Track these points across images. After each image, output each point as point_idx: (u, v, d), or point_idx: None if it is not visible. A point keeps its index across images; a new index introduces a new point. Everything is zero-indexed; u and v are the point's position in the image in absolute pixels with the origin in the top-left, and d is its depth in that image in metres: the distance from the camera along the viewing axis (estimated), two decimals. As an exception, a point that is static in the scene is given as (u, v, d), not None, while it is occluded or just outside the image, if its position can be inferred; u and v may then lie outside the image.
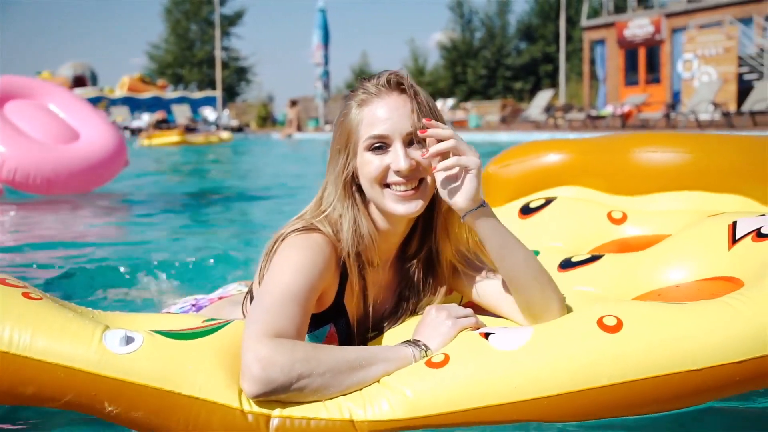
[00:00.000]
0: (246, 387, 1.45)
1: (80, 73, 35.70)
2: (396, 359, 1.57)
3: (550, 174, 2.76)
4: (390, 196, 1.69)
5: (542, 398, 1.47)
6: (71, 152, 7.15)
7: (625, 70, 28.16)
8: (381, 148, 1.69)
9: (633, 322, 1.54)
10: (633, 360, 1.49)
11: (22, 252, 4.58)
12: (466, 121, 28.39)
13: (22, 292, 1.60)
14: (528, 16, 43.54)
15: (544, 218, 2.57)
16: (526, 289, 1.67)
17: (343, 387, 1.51)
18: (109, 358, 1.47)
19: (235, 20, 45.33)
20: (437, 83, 42.83)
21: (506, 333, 1.57)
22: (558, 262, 2.22)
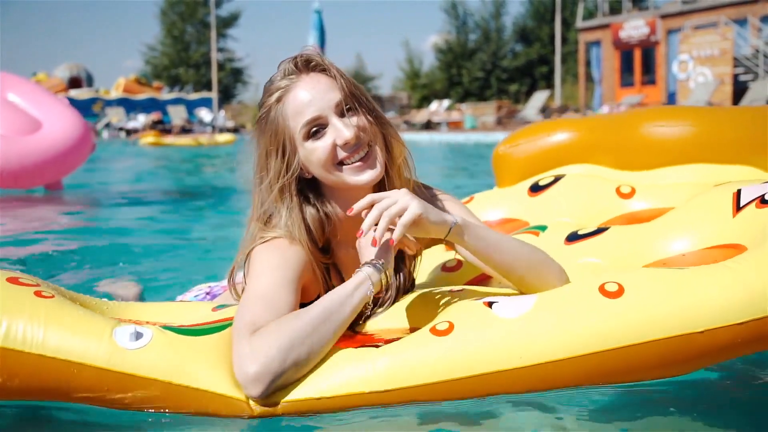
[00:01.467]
0: (249, 392, 1.46)
1: (76, 74, 35.64)
2: (356, 284, 1.58)
3: (559, 152, 2.77)
4: (348, 171, 1.68)
5: (546, 363, 1.48)
6: (35, 143, 6.91)
7: (621, 71, 28.25)
8: (319, 131, 1.67)
9: (634, 288, 1.54)
10: (635, 324, 1.49)
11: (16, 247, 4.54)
12: (462, 122, 28.44)
13: (34, 291, 1.62)
14: (523, 18, 43.67)
15: (553, 195, 2.58)
16: (521, 278, 1.69)
17: (330, 336, 1.52)
18: (120, 354, 1.49)
19: (230, 22, 45.37)
20: (433, 85, 42.89)
21: (509, 301, 1.58)
22: (565, 236, 2.24)
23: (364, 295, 1.59)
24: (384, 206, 1.54)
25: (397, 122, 30.52)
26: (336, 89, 1.67)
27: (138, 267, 3.80)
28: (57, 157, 7.03)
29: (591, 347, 1.48)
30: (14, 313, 1.53)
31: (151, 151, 18.59)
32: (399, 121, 30.66)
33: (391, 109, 35.78)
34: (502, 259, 1.65)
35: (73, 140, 7.20)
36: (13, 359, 1.49)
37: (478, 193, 2.78)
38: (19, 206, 6.71)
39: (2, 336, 1.49)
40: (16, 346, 1.49)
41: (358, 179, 1.68)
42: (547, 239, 2.25)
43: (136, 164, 14.01)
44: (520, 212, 2.62)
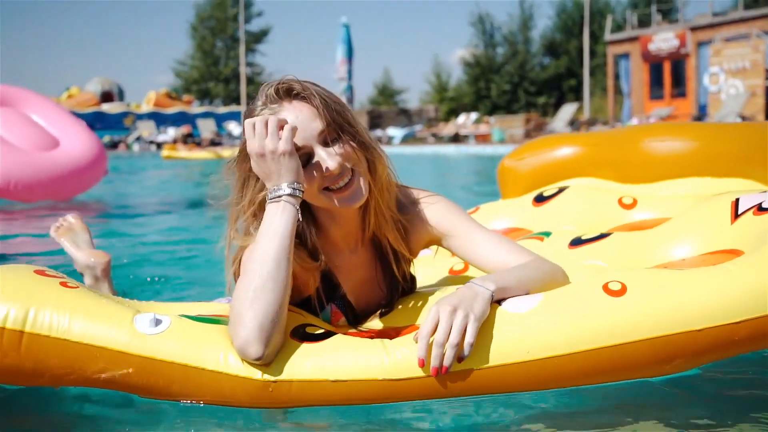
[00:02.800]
0: (250, 355, 1.50)
1: (107, 88, 36.22)
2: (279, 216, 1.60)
3: (563, 166, 2.86)
4: (334, 197, 1.70)
5: (552, 357, 1.52)
6: (52, 159, 7.10)
7: (650, 84, 28.05)
8: (303, 160, 1.67)
9: (636, 287, 1.59)
10: (637, 321, 1.54)
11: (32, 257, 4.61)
12: (490, 135, 28.37)
13: (60, 282, 1.70)
14: (551, 31, 43.56)
15: (557, 205, 2.64)
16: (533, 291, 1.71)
17: (282, 272, 1.55)
18: (140, 339, 1.56)
19: (260, 37, 45.89)
20: (460, 98, 42.92)
21: (518, 298, 1.63)
22: (569, 241, 2.30)
23: (292, 217, 1.60)
24: (442, 340, 1.49)
25: (425, 135, 30.56)
26: (318, 118, 1.67)
27: (156, 271, 3.84)
28: (71, 176, 7.18)
29: (593, 344, 1.53)
30: (41, 301, 1.61)
31: (177, 164, 18.78)
32: (426, 134, 30.68)
33: (419, 122, 35.84)
34: (524, 292, 1.67)
35: (88, 161, 7.36)
36: (40, 344, 1.57)
37: (484, 204, 2.83)
38: (35, 214, 6.82)
39: (30, 322, 1.58)
40: (43, 332, 1.57)
41: (344, 204, 1.71)
42: (551, 244, 2.31)
43: (159, 176, 14.16)
44: (524, 222, 2.67)
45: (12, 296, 1.61)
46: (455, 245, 1.84)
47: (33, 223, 6.34)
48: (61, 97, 34.58)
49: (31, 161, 6.93)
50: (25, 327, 1.58)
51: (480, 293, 1.56)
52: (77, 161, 7.29)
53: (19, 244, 5.08)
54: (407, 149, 23.75)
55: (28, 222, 6.48)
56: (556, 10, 43.19)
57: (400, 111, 37.54)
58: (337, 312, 1.84)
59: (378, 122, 34.25)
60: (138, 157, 23.19)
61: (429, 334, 1.50)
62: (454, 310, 1.51)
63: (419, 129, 32.53)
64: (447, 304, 1.52)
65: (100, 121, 31.54)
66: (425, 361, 1.49)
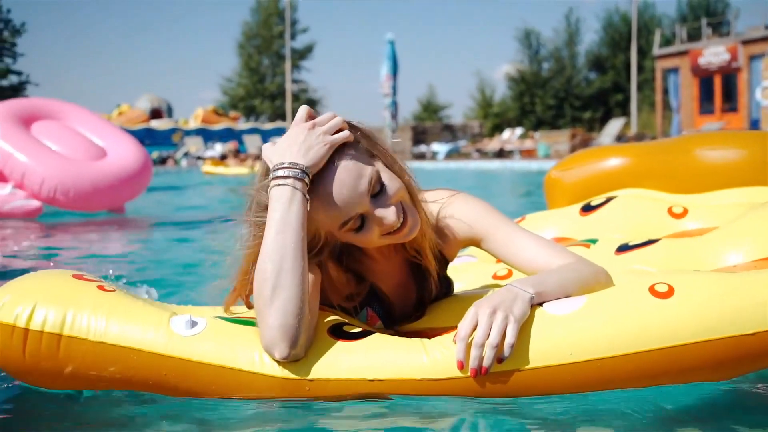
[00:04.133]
0: (277, 355, 1.49)
1: (156, 105, 36.92)
2: (287, 205, 1.53)
3: (611, 178, 2.82)
4: (394, 237, 1.65)
5: (595, 360, 1.48)
6: (104, 168, 7.35)
7: (700, 98, 27.58)
8: (357, 222, 1.60)
9: (685, 289, 1.54)
10: (684, 324, 1.49)
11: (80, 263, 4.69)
12: (535, 151, 28.16)
13: (97, 285, 1.71)
14: (597, 46, 43.19)
15: (604, 214, 2.58)
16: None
17: (297, 264, 1.51)
18: (176, 341, 1.56)
19: (305, 53, 46.33)
20: (505, 113, 42.72)
21: (560, 300, 1.58)
22: (615, 247, 2.25)
23: (301, 206, 1.53)
24: (481, 341, 1.46)
25: (469, 150, 30.46)
26: (365, 176, 1.58)
27: (186, 278, 3.87)
28: (123, 183, 7.42)
29: (638, 347, 1.48)
30: (79, 304, 1.62)
31: (218, 179, 18.99)
32: (471, 149, 30.58)
33: (463, 137, 35.74)
34: (565, 294, 1.61)
35: (138, 168, 7.62)
36: (78, 347, 1.58)
37: (530, 213, 2.77)
38: (83, 227, 6.99)
39: (68, 326, 1.59)
40: (81, 335, 1.58)
41: (404, 239, 1.66)
42: (597, 250, 2.26)
43: (202, 190, 14.35)
44: (571, 231, 2.62)
45: (50, 300, 1.62)
46: (494, 247, 1.78)
47: (77, 233, 6.48)
48: (112, 114, 35.35)
49: (87, 171, 7.17)
50: (63, 330, 1.59)
51: (519, 295, 1.53)
52: (125, 169, 7.51)
53: (64, 253, 5.18)
54: (451, 164, 23.69)
55: (72, 232, 6.63)
56: (603, 25, 42.85)
57: (444, 126, 37.46)
58: (374, 316, 1.81)
59: (422, 138, 34.25)
60: (185, 172, 23.54)
61: (468, 335, 1.47)
62: (493, 311, 1.47)
63: (463, 144, 32.44)
64: (486, 305, 1.49)
65: (149, 138, 32.15)
66: (464, 363, 1.46)
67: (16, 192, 7.02)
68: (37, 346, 1.59)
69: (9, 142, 7.11)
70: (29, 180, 6.97)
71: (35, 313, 1.60)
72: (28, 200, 7.03)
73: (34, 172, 6.96)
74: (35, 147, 7.19)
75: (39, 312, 1.60)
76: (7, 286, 1.69)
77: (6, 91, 37.16)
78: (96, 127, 8.00)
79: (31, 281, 1.72)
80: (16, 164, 6.99)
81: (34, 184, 6.96)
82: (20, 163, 6.98)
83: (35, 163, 7.00)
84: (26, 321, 1.60)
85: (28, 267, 4.38)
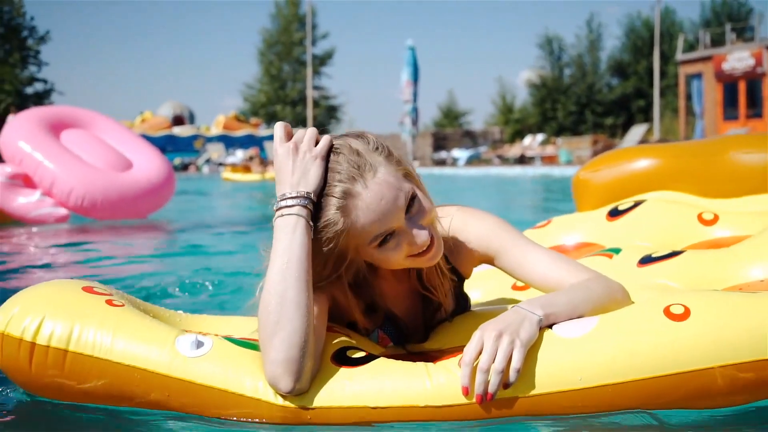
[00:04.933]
0: (281, 389, 1.46)
1: (179, 112, 37.21)
2: (290, 235, 1.51)
3: (641, 179, 2.74)
4: (419, 260, 1.61)
5: (606, 386, 1.43)
6: (131, 179, 7.50)
7: (724, 104, 27.30)
8: (389, 238, 1.57)
9: (701, 311, 1.46)
10: (701, 348, 1.42)
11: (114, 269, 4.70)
12: (557, 157, 28.01)
13: (106, 300, 1.70)
14: (619, 52, 42.90)
15: (632, 220, 2.50)
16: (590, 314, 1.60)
17: (301, 295, 1.48)
18: (180, 361, 1.54)
19: (325, 60, 46.46)
20: (526, 119, 42.55)
21: (571, 322, 1.53)
22: (638, 258, 2.17)
23: (305, 235, 1.50)
24: (486, 366, 1.42)
25: (490, 156, 30.36)
26: (403, 187, 1.57)
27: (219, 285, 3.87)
28: (149, 193, 7.59)
29: (652, 372, 1.42)
30: (86, 319, 1.61)
31: (242, 185, 19.07)
32: (492, 156, 30.48)
33: (484, 143, 35.65)
34: (578, 315, 1.56)
35: (162, 179, 7.77)
36: (83, 363, 1.57)
37: (556, 217, 2.71)
38: (106, 231, 7.05)
39: (74, 341, 1.58)
40: (86, 351, 1.57)
41: (425, 264, 1.63)
42: (620, 262, 2.19)
43: (225, 197, 14.39)
44: (597, 236, 2.55)
45: (58, 314, 1.62)
46: (506, 264, 1.74)
47: (99, 238, 6.52)
48: (135, 121, 35.66)
49: (114, 181, 7.32)
50: (69, 346, 1.58)
51: (527, 317, 1.47)
52: (152, 180, 7.66)
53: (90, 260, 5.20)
54: (472, 171, 23.63)
55: (94, 237, 6.67)
56: (624, 30, 42.59)
57: (465, 133, 37.42)
58: (385, 337, 1.77)
59: (442, 144, 34.22)
60: (207, 179, 23.66)
61: (473, 360, 1.42)
62: (499, 334, 1.43)
63: (484, 151, 32.35)
64: (492, 329, 1.44)
65: (171, 144, 32.40)
66: (469, 388, 1.42)
67: (44, 199, 7.15)
68: (43, 360, 1.59)
69: (39, 150, 7.25)
70: (58, 188, 7.10)
71: (42, 327, 1.60)
72: (56, 208, 7.16)
73: (63, 180, 7.09)
74: (65, 156, 7.33)
75: (46, 326, 1.60)
76: (17, 297, 1.69)
77: (31, 99, 37.60)
78: (122, 138, 8.15)
79: (41, 292, 1.71)
80: (46, 172, 7.12)
81: (62, 192, 7.09)
82: (50, 171, 7.11)
83: (65, 171, 7.13)
84: (33, 335, 1.60)
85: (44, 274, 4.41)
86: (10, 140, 7.37)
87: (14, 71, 38.56)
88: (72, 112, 8.17)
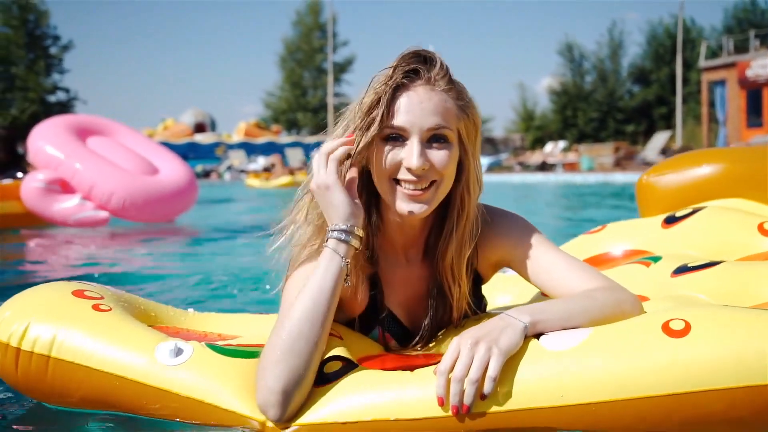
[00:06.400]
0: (270, 416, 1.42)
1: (200, 119, 37.49)
2: (325, 265, 1.50)
3: (707, 185, 2.58)
4: (398, 193, 1.56)
5: (589, 404, 1.32)
6: (163, 182, 7.71)
7: (747, 111, 27.02)
8: (397, 140, 1.55)
9: (703, 327, 1.34)
10: (697, 369, 1.30)
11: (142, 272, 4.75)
12: (578, 164, 27.89)
13: (93, 305, 1.69)
14: (641, 59, 42.70)
15: (687, 228, 2.37)
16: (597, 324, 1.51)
17: (318, 329, 1.45)
18: (158, 369, 1.53)
19: (345, 66, 46.58)
20: (547, 126, 42.42)
21: (561, 333, 1.43)
22: (675, 268, 2.04)
23: (337, 273, 1.50)
24: (460, 375, 1.35)
25: (511, 163, 30.27)
26: (439, 116, 1.54)
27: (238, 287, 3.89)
28: (179, 196, 7.80)
29: (642, 391, 1.31)
30: (70, 325, 1.61)
31: (264, 191, 19.14)
32: (513, 162, 30.39)
33: (505, 150, 35.55)
34: (573, 325, 1.47)
35: (188, 183, 7.99)
36: (65, 370, 1.58)
37: (612, 223, 2.62)
38: (127, 235, 7.19)
39: (56, 347, 1.59)
40: (67, 357, 1.58)
41: (399, 205, 1.57)
42: (655, 271, 2.08)
43: (247, 203, 14.48)
44: (649, 244, 2.43)
45: (44, 319, 1.63)
46: (521, 268, 1.67)
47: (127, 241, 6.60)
48: (157, 128, 35.95)
49: (152, 185, 7.54)
50: (52, 352, 1.59)
51: (511, 324, 1.40)
52: (180, 184, 7.86)
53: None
54: (493, 177, 23.57)
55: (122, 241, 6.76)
56: (646, 38, 42.38)
57: (486, 140, 37.29)
58: (388, 336, 1.72)
59: (463, 151, 34.11)
60: (229, 185, 23.78)
61: (448, 369, 1.35)
62: (476, 342, 1.36)
63: (505, 157, 32.27)
64: (469, 336, 1.38)
65: (193, 151, 32.61)
66: (444, 399, 1.35)
67: (85, 203, 7.22)
68: (27, 365, 1.60)
69: (75, 155, 7.36)
70: (98, 192, 7.19)
71: (27, 333, 1.61)
72: (97, 211, 7.25)
73: (103, 184, 7.19)
74: (101, 160, 7.46)
75: (31, 331, 1.61)
76: (11, 302, 1.71)
77: (54, 107, 38.02)
78: (143, 145, 8.36)
79: (31, 297, 1.72)
80: (85, 176, 7.22)
81: (103, 195, 7.19)
82: (89, 175, 7.22)
83: (104, 176, 7.25)
84: (18, 340, 1.61)
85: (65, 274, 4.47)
86: (43, 146, 7.45)
87: (38, 79, 38.99)
88: (94, 120, 8.37)
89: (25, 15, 39.21)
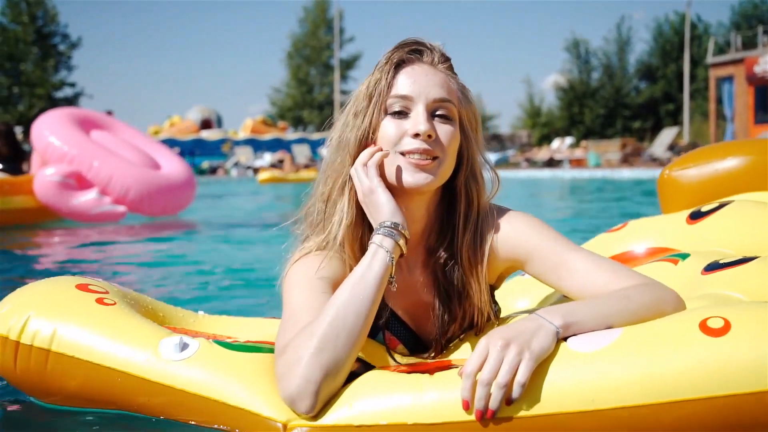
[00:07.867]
0: (299, 409, 1.36)
1: (206, 116, 37.47)
2: (369, 259, 1.47)
3: (733, 179, 2.45)
4: (404, 164, 1.52)
5: (622, 408, 1.25)
6: (169, 176, 7.79)
7: (755, 107, 26.92)
8: (402, 114, 1.54)
9: (744, 325, 1.25)
10: (738, 370, 1.21)
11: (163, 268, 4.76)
12: (585, 160, 27.84)
13: (96, 299, 1.66)
14: (647, 56, 42.59)
15: (713, 223, 2.24)
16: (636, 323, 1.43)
17: (360, 324, 1.41)
18: (162, 365, 1.48)
19: (351, 63, 46.55)
20: (553, 123, 42.36)
21: (591, 334, 1.34)
22: (705, 265, 1.93)
23: (382, 266, 1.46)
24: (488, 379, 1.27)
25: (518, 160, 30.23)
26: (445, 90, 1.56)
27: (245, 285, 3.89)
28: (180, 190, 7.88)
29: (679, 394, 1.23)
30: (72, 319, 1.58)
31: (271, 187, 19.17)
32: (520, 159, 30.36)
33: (511, 147, 35.51)
34: (606, 326, 1.38)
35: (188, 179, 8.10)
36: (65, 364, 1.54)
37: (633, 220, 2.53)
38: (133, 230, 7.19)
39: (56, 341, 1.55)
40: (68, 351, 1.54)
41: (405, 177, 1.53)
42: (684, 268, 1.99)
43: (255, 199, 14.50)
44: (674, 241, 2.31)
45: (44, 313, 1.60)
46: (541, 270, 1.56)
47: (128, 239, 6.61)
48: (164, 125, 35.98)
49: (157, 178, 7.62)
50: (52, 346, 1.56)
51: (543, 327, 1.31)
52: (182, 178, 7.97)
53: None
54: (500, 173, 23.41)
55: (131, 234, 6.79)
56: (653, 35, 42.27)
57: (493, 136, 37.30)
58: (393, 338, 1.67)
59: (470, 148, 34.09)
60: (236, 182, 23.80)
61: (475, 371, 1.27)
62: (506, 344, 1.28)
63: (512, 154, 32.24)
64: (499, 337, 1.29)
65: (199, 148, 32.65)
66: (470, 402, 1.27)
67: (102, 198, 7.20)
68: (26, 360, 1.57)
69: (89, 149, 7.31)
70: (115, 186, 7.19)
71: (27, 326, 1.58)
72: (115, 206, 7.24)
73: (120, 178, 7.20)
74: (114, 155, 7.46)
75: (31, 325, 1.58)
76: (11, 296, 1.68)
77: (61, 103, 38.07)
78: (142, 141, 8.43)
79: (32, 291, 1.69)
80: (101, 170, 7.19)
81: (120, 189, 7.20)
82: (105, 169, 7.20)
83: (120, 170, 7.27)
84: (18, 334, 1.58)
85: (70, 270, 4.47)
86: (55, 139, 7.29)
87: (45, 75, 39.07)
88: (93, 114, 8.40)
89: (34, 11, 39.28)
